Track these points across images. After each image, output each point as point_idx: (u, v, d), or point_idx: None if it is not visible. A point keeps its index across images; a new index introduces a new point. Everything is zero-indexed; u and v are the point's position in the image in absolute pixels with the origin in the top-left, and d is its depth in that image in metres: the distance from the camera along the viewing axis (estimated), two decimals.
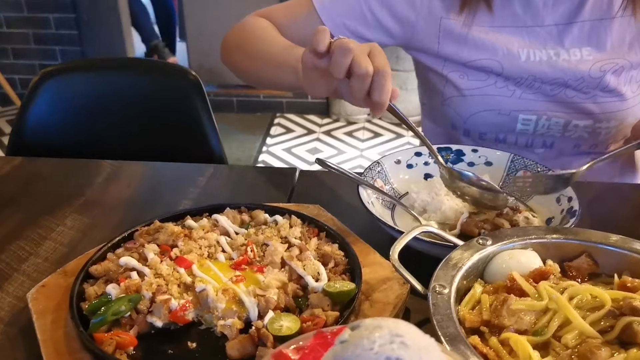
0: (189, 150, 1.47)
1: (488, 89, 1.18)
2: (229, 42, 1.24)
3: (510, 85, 1.16)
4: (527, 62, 1.14)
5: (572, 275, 0.75)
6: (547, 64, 1.13)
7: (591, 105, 1.16)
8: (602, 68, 1.13)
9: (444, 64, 1.19)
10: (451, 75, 1.19)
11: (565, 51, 1.14)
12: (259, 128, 4.06)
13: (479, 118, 1.21)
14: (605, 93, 1.15)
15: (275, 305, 0.72)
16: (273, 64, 1.09)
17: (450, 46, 1.16)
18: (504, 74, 1.15)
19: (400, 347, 0.39)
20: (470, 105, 1.20)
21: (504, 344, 0.64)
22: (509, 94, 1.17)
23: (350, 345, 0.40)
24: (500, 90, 1.17)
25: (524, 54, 1.14)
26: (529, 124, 1.19)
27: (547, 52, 1.13)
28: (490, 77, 1.16)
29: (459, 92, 1.20)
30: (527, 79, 1.15)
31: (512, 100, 1.18)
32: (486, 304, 0.69)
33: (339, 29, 1.16)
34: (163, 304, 0.71)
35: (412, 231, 0.77)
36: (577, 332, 0.64)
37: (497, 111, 1.19)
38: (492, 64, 1.15)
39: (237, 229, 0.86)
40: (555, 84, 1.15)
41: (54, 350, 0.69)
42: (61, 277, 0.81)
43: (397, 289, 0.78)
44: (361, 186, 0.96)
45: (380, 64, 0.81)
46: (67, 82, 1.50)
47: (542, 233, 0.79)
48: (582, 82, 1.14)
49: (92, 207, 1.05)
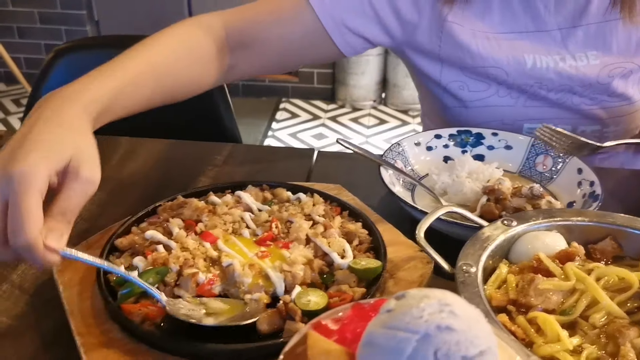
0: (203, 129, 1.47)
1: (490, 99, 1.14)
2: None
3: (514, 93, 1.13)
4: (533, 68, 1.10)
5: (596, 257, 0.75)
6: (553, 71, 1.10)
7: (598, 110, 1.14)
8: (610, 73, 1.10)
9: (441, 71, 1.13)
10: (450, 85, 1.14)
11: (570, 56, 1.10)
12: (265, 113, 4.05)
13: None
14: (612, 98, 1.13)
15: (302, 281, 0.72)
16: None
17: (451, 50, 1.10)
18: (508, 82, 1.11)
19: (450, 315, 0.39)
20: (474, 116, 1.17)
21: (531, 323, 0.65)
22: (512, 102, 1.14)
23: (398, 313, 0.40)
24: (503, 99, 1.14)
25: (530, 61, 1.09)
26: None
27: (552, 57, 1.09)
28: (492, 86, 1.12)
29: (460, 103, 1.16)
30: (533, 86, 1.11)
31: (516, 110, 1.15)
32: (512, 283, 0.70)
33: (338, 27, 1.08)
34: (191, 277, 0.71)
35: (437, 211, 0.78)
36: (604, 312, 0.64)
37: (500, 121, 1.16)
38: (496, 72, 1.10)
39: (260, 205, 0.87)
40: (562, 91, 1.12)
41: (81, 321, 0.69)
42: (85, 250, 0.81)
43: (420, 268, 0.78)
44: (382, 167, 0.96)
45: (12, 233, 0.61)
46: (81, 60, 1.49)
47: (567, 215, 0.79)
48: (589, 88, 1.11)
49: (110, 183, 1.05)
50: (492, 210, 0.92)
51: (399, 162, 1.03)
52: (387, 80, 4.10)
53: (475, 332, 0.39)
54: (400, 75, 3.97)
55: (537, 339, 0.63)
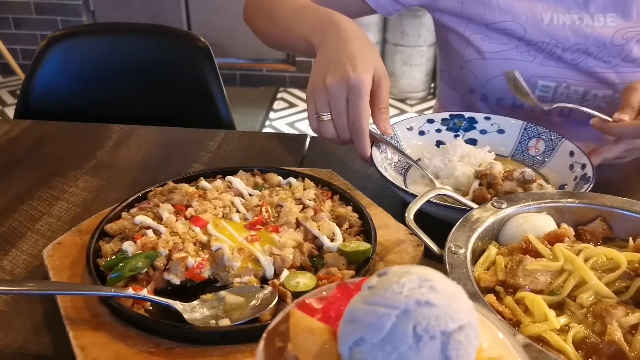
0: (197, 116, 1.47)
1: (509, 52, 1.16)
2: (249, 6, 1.22)
3: (532, 50, 1.15)
4: (549, 25, 1.12)
5: (586, 239, 0.76)
6: (570, 29, 1.12)
7: (612, 75, 1.15)
8: (625, 36, 1.11)
9: (466, 26, 1.18)
10: (473, 37, 1.18)
11: (589, 16, 1.12)
12: (262, 102, 4.04)
13: (497, 82, 1.19)
14: (627, 63, 1.14)
15: (291, 264, 0.73)
16: (284, 29, 1.10)
17: (473, 7, 1.14)
18: (526, 38, 1.14)
19: (430, 291, 0.39)
20: (490, 68, 1.19)
21: (519, 303, 0.65)
22: (530, 59, 1.16)
23: (379, 289, 0.40)
24: (522, 55, 1.16)
25: (547, 18, 1.12)
26: (548, 91, 1.18)
27: (570, 16, 1.12)
28: (512, 40, 1.15)
29: (479, 54, 1.19)
30: (549, 44, 1.13)
31: (533, 66, 1.16)
32: (501, 264, 0.70)
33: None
34: (180, 261, 0.71)
35: (427, 193, 0.77)
36: (592, 292, 0.64)
37: None
38: (515, 27, 1.13)
39: (250, 190, 0.87)
40: (577, 50, 1.13)
41: (71, 305, 0.69)
42: (76, 236, 0.82)
43: (411, 251, 0.78)
44: (374, 148, 0.96)
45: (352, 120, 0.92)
46: (75, 47, 1.49)
47: (557, 197, 0.79)
48: (603, 49, 1.13)
49: (103, 169, 1.05)
50: (484, 195, 0.92)
51: (391, 147, 1.03)
52: None
53: (454, 307, 0.39)
54: (398, 64, 3.96)
55: (525, 318, 0.63)
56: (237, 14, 1.30)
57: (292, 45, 1.11)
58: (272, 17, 1.14)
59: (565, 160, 0.98)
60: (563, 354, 0.58)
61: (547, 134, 1.03)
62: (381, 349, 0.39)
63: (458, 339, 0.39)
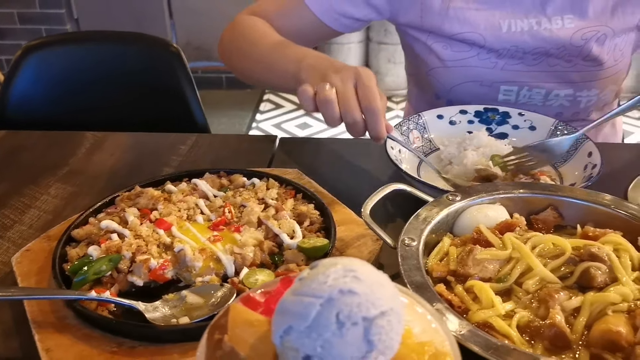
0: (173, 121, 1.49)
1: (471, 60, 1.19)
2: (225, 45, 1.23)
3: (493, 57, 1.17)
4: (508, 32, 1.14)
5: (538, 227, 0.78)
6: (528, 34, 1.14)
7: (572, 74, 1.17)
8: (583, 36, 1.13)
9: (428, 36, 1.20)
10: (435, 46, 1.20)
11: (547, 19, 1.14)
12: (249, 104, 4.06)
13: (461, 89, 1.22)
14: (587, 62, 1.16)
15: (252, 262, 0.75)
16: (267, 69, 1.09)
17: (432, 20, 1.16)
18: (487, 46, 1.16)
19: (353, 280, 0.42)
20: (453, 76, 1.21)
21: (468, 291, 0.67)
22: (492, 65, 1.18)
23: (307, 280, 0.43)
24: (483, 62, 1.18)
25: (506, 25, 1.14)
26: (511, 95, 1.21)
27: (529, 21, 1.14)
28: (473, 48, 1.17)
29: (442, 63, 1.21)
30: (510, 49, 1.15)
31: (495, 72, 1.19)
32: (454, 255, 0.72)
33: (327, 14, 1.16)
34: (143, 263, 0.73)
35: (383, 189, 0.80)
36: (538, 278, 0.67)
37: (479, 82, 1.20)
38: (475, 37, 1.15)
39: (215, 192, 0.89)
40: (537, 53, 1.15)
41: (37, 309, 0.71)
42: (45, 242, 0.83)
43: (370, 245, 0.80)
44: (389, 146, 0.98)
45: (368, 100, 0.86)
46: (50, 56, 1.51)
47: (510, 188, 0.81)
48: (563, 51, 1.15)
49: (75, 176, 1.07)
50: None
51: (415, 132, 1.08)
52: (369, 67, 4.10)
53: (377, 294, 0.42)
54: (383, 62, 3.98)
55: (473, 306, 0.65)
56: (222, 17, 1.32)
57: (277, 82, 1.09)
58: (253, 60, 1.12)
59: (583, 160, 0.99)
60: (507, 338, 0.61)
61: (574, 132, 1.03)
62: (307, 336, 0.41)
63: (380, 324, 0.41)
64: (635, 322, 0.61)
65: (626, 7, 1.12)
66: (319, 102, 0.87)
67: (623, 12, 1.12)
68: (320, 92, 0.86)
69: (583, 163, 0.97)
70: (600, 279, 0.65)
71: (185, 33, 4.17)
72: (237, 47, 1.19)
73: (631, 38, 1.17)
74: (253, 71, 1.17)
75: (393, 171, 1.04)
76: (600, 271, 0.66)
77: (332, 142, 1.20)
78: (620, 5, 1.12)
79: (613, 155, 1.06)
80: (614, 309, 0.62)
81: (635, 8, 1.12)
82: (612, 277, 0.66)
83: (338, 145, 1.18)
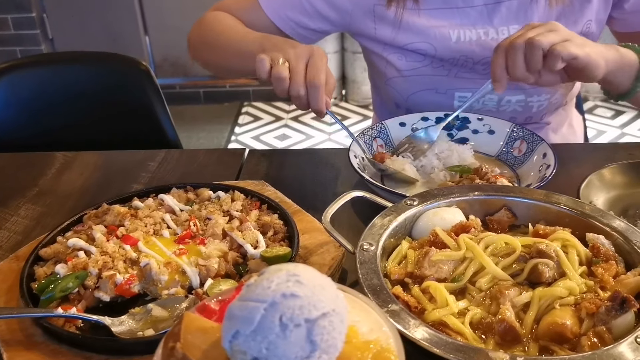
0: (145, 139, 1.50)
1: (425, 69, 1.22)
2: (193, 39, 1.29)
3: (446, 65, 1.21)
4: (457, 42, 1.18)
5: (493, 227, 0.81)
6: (476, 44, 1.18)
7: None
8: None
9: (383, 47, 1.24)
10: (391, 57, 1.23)
11: (494, 30, 1.17)
12: (227, 117, 4.08)
13: (418, 97, 1.26)
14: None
15: (216, 273, 0.77)
16: (233, 53, 1.16)
17: (385, 31, 1.20)
18: (438, 56, 1.19)
19: (295, 284, 0.44)
20: (410, 85, 1.25)
21: (425, 292, 0.69)
22: (445, 73, 1.22)
23: (253, 286, 0.45)
24: (437, 70, 1.22)
25: (455, 35, 1.18)
26: (465, 101, 1.24)
27: (477, 31, 1.17)
28: (427, 58, 1.21)
29: (398, 72, 1.25)
30: (459, 59, 1.19)
31: (448, 79, 1.22)
32: (412, 257, 0.75)
33: (284, 22, 1.22)
34: (109, 279, 0.75)
35: (342, 197, 0.82)
36: (490, 277, 0.69)
37: (434, 90, 1.24)
38: (426, 47, 1.19)
39: (182, 206, 0.90)
40: (486, 63, 1.19)
41: (6, 328, 0.72)
42: (14, 262, 0.85)
43: (333, 252, 0.83)
44: (351, 154, 1.02)
45: (312, 75, 0.94)
46: (19, 79, 1.52)
47: (465, 191, 0.84)
48: None
49: (45, 196, 1.08)
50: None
51: (378, 140, 1.11)
52: (346, 77, 4.15)
53: (319, 297, 0.44)
54: (359, 71, 4.02)
55: (429, 305, 0.68)
56: None
57: (243, 67, 1.15)
58: (220, 47, 1.19)
59: (539, 161, 1.03)
60: (461, 335, 0.63)
61: (530, 136, 1.08)
62: (253, 339, 0.43)
63: (322, 324, 0.43)
64: (581, 314, 0.64)
65: (569, 16, 1.16)
66: (273, 76, 0.95)
67: (566, 21, 1.16)
68: (274, 67, 0.95)
69: (538, 164, 1.01)
70: (548, 275, 0.68)
71: (162, 50, 4.19)
72: (204, 40, 1.24)
73: None
74: (222, 59, 1.22)
75: (358, 179, 1.07)
76: (548, 267, 0.68)
77: (299, 153, 1.23)
78: (563, 15, 1.16)
79: (568, 155, 1.10)
80: (561, 302, 0.65)
81: (577, 17, 1.16)
82: (560, 273, 0.69)
83: (305, 156, 1.21)
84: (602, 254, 0.71)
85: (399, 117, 1.16)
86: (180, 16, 4.02)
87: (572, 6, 1.16)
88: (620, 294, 0.62)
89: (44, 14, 4.03)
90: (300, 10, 1.21)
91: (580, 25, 1.17)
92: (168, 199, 0.91)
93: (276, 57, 0.96)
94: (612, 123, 3.73)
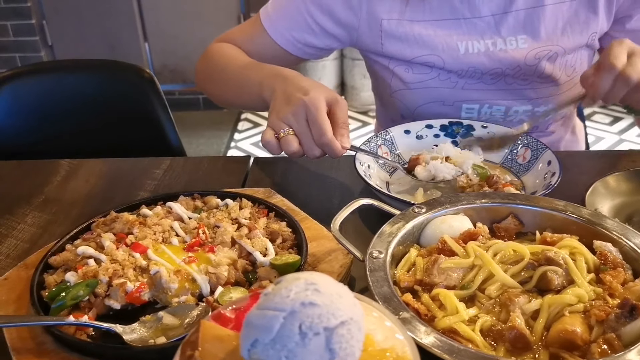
0: (148, 146, 1.50)
1: (432, 81, 1.23)
2: (198, 73, 1.31)
3: (453, 77, 1.22)
4: (466, 54, 1.19)
5: (500, 235, 0.81)
6: (484, 55, 1.19)
7: (529, 91, 1.23)
8: (536, 55, 1.18)
9: (389, 60, 1.25)
10: (397, 69, 1.24)
11: (502, 40, 1.18)
12: (226, 124, 4.08)
13: (425, 109, 1.27)
14: (541, 79, 1.22)
15: (226, 281, 0.77)
16: (234, 90, 1.18)
17: (393, 45, 1.21)
18: (446, 68, 1.20)
19: (314, 293, 0.44)
20: (416, 97, 1.26)
21: (434, 300, 0.70)
22: (452, 85, 1.23)
23: (271, 295, 0.45)
24: (444, 82, 1.23)
25: (463, 47, 1.18)
26: (473, 112, 1.25)
27: (485, 42, 1.19)
28: (434, 70, 1.22)
29: (405, 85, 1.25)
30: (468, 70, 1.20)
31: (455, 92, 1.23)
32: (420, 265, 0.75)
33: (290, 43, 1.24)
34: (119, 287, 0.75)
35: (350, 205, 0.83)
36: (499, 284, 0.70)
37: (441, 102, 1.25)
38: (434, 59, 1.20)
39: (190, 214, 0.91)
40: (494, 73, 1.20)
41: (17, 336, 0.72)
42: (22, 270, 0.85)
43: (341, 259, 0.83)
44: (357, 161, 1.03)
45: (318, 136, 0.94)
46: (22, 87, 1.52)
47: (472, 199, 0.85)
48: (519, 70, 1.20)
49: (51, 204, 1.08)
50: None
51: (383, 147, 1.11)
52: (345, 84, 4.17)
53: (337, 305, 0.44)
54: (357, 77, 4.04)
55: (439, 313, 0.68)
56: (196, 39, 1.38)
57: (247, 103, 1.18)
58: (223, 84, 1.21)
59: (543, 169, 1.03)
60: (471, 342, 0.64)
61: (534, 143, 1.09)
62: (272, 348, 0.43)
63: (340, 333, 0.44)
64: (591, 321, 0.64)
65: (575, 27, 1.18)
66: (284, 151, 0.98)
67: (572, 31, 1.18)
68: (281, 140, 0.96)
69: (543, 172, 1.02)
70: (557, 282, 0.69)
71: (161, 56, 4.20)
72: (209, 74, 1.26)
73: (583, 55, 1.23)
74: (226, 94, 1.24)
75: (363, 186, 1.07)
76: (557, 274, 0.69)
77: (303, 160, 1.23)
78: (569, 25, 1.18)
79: (573, 162, 1.11)
80: (570, 309, 0.66)
81: (583, 28, 1.18)
82: (569, 280, 0.69)
83: (310, 162, 1.21)
84: (610, 261, 0.72)
85: (404, 125, 1.17)
86: (180, 23, 4.04)
87: (578, 17, 1.17)
88: (629, 301, 0.63)
89: (43, 21, 4.04)
90: (306, 30, 1.22)
91: (585, 37, 1.18)
92: (176, 207, 0.91)
93: (278, 126, 0.97)
94: (611, 129, 3.76)
